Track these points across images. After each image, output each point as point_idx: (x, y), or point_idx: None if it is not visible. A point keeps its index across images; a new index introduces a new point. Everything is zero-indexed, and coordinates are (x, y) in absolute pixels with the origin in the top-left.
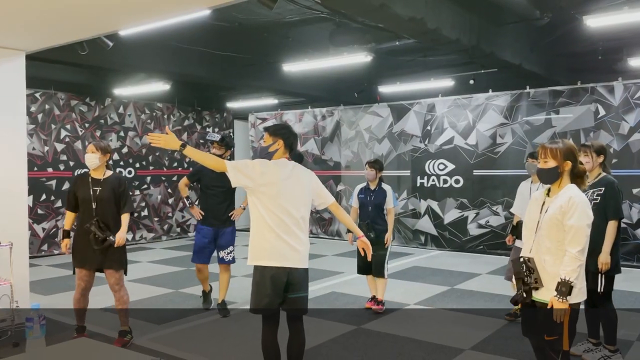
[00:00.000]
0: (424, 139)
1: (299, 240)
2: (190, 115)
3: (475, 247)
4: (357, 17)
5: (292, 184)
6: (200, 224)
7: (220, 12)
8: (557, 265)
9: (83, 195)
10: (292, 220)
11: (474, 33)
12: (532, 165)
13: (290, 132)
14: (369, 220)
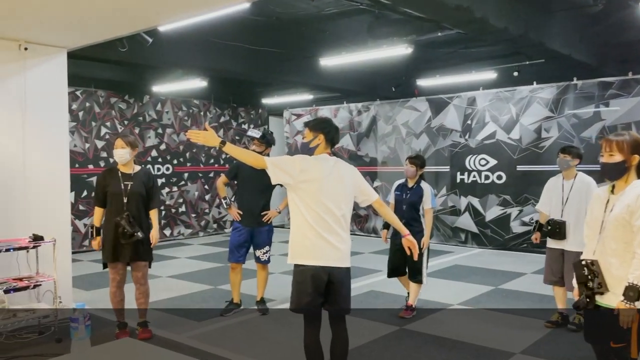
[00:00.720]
0: (464, 133)
1: (341, 239)
2: (226, 112)
3: (518, 245)
4: (400, 7)
5: (334, 181)
6: (236, 222)
7: (259, 7)
8: (624, 268)
9: (114, 190)
10: (334, 218)
11: (521, 21)
12: (565, 161)
13: (330, 126)
14: (404, 220)
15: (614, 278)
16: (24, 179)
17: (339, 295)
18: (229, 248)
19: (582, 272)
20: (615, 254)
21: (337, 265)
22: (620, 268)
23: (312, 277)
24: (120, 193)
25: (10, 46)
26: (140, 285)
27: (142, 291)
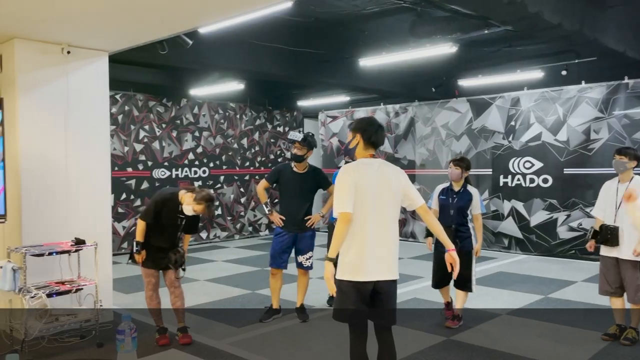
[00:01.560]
0: (507, 135)
1: (387, 249)
2: (261, 115)
3: (566, 251)
4: (447, 4)
5: (378, 186)
6: (278, 228)
7: (298, 7)
8: None
9: (169, 221)
10: (378, 227)
11: (577, 17)
12: (621, 163)
13: (369, 124)
14: (454, 225)
15: None
16: (66, 182)
17: (384, 307)
18: (271, 254)
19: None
20: None
21: (382, 279)
22: None
23: (356, 289)
24: (176, 227)
25: (53, 50)
26: (174, 289)
27: (178, 294)
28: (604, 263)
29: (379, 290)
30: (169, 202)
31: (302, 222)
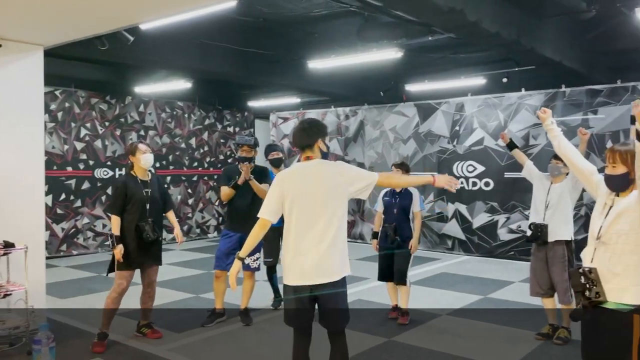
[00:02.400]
0: (452, 139)
1: (323, 252)
2: (211, 115)
3: (505, 252)
4: (393, 9)
5: (311, 188)
6: (226, 229)
7: (245, 7)
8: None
9: (137, 197)
10: (312, 229)
11: (514, 27)
12: (556, 167)
13: (297, 130)
14: (396, 223)
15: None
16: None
17: (329, 310)
18: (217, 255)
19: (579, 281)
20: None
21: (319, 283)
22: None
23: (294, 294)
24: (144, 200)
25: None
26: (151, 289)
27: (152, 295)
28: (535, 263)
29: (317, 294)
30: (128, 181)
31: (250, 222)
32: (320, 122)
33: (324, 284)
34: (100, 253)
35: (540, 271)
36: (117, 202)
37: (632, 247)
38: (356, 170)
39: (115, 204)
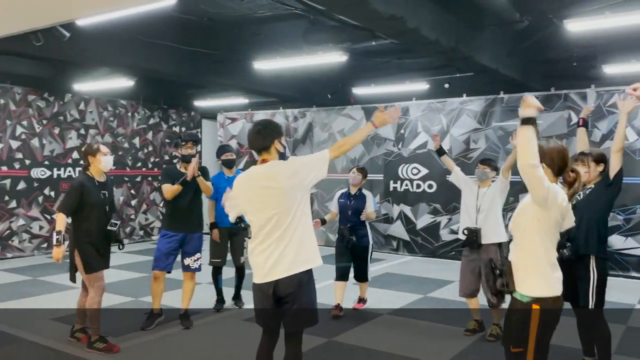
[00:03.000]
0: (397, 142)
1: (281, 248)
2: (156, 114)
3: (447, 253)
4: (334, 14)
5: (264, 189)
6: (165, 229)
7: (188, 5)
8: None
9: (95, 199)
10: (270, 228)
11: (452, 35)
12: (484, 172)
13: (251, 132)
14: (350, 224)
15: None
16: None
17: (289, 308)
18: (156, 255)
19: (490, 272)
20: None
21: (278, 278)
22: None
23: (259, 293)
24: (103, 203)
25: None
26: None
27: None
28: (466, 264)
29: (279, 292)
30: (86, 182)
31: (191, 222)
32: (275, 122)
33: (286, 283)
34: (36, 256)
35: (469, 273)
36: (70, 202)
37: (526, 241)
38: (307, 160)
39: (67, 203)
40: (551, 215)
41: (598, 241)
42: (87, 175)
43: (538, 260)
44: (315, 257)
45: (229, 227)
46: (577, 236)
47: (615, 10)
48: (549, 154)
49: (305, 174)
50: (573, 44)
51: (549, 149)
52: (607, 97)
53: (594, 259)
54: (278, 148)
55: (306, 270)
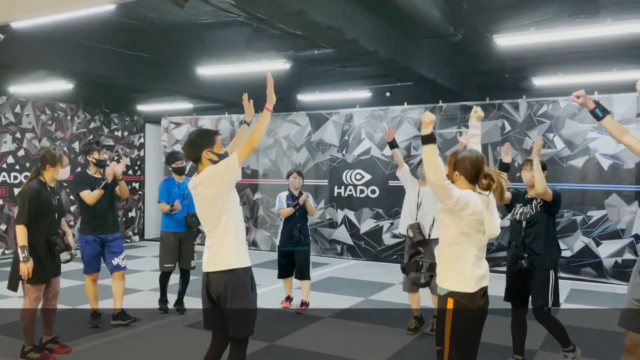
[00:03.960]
0: (341, 148)
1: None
2: (97, 118)
3: (389, 256)
4: (275, 23)
5: (200, 189)
6: (85, 234)
7: (129, 10)
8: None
9: (49, 206)
10: (206, 224)
11: (390, 46)
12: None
13: (185, 143)
14: (300, 224)
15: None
16: None
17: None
18: (85, 261)
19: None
20: None
21: (207, 270)
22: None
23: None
24: (54, 209)
25: None
26: (54, 301)
27: (55, 306)
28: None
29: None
30: (42, 189)
31: (110, 223)
32: (206, 132)
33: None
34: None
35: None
36: (27, 211)
37: (446, 237)
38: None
39: (25, 213)
40: (465, 220)
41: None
42: (40, 180)
43: (455, 255)
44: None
45: (179, 232)
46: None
47: (540, 28)
48: (463, 164)
49: (219, 182)
50: (505, 56)
51: (462, 159)
52: (537, 107)
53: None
54: (210, 157)
55: (234, 273)
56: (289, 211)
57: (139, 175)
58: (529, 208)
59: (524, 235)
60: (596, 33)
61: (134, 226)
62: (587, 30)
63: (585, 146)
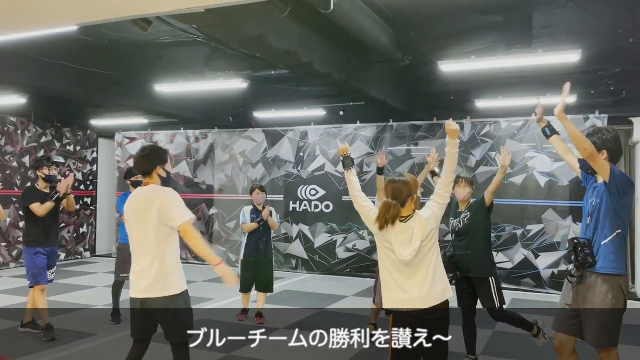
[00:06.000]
0: (297, 165)
1: (148, 268)
2: (48, 132)
3: (343, 270)
4: (236, 46)
5: (139, 211)
6: (34, 247)
7: (88, 28)
8: None
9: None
10: (141, 248)
11: (344, 69)
12: None
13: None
14: (265, 238)
15: None
16: None
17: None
18: (35, 272)
19: None
20: None
21: (146, 297)
22: None
23: (132, 308)
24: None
25: None
26: None
27: None
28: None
29: (149, 311)
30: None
31: (55, 237)
32: (160, 150)
33: (154, 298)
34: None
35: None
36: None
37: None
38: (173, 208)
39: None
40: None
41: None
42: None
43: (383, 277)
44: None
45: None
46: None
47: (480, 56)
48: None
49: (167, 217)
50: (450, 80)
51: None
52: (480, 128)
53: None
54: (160, 174)
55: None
56: (252, 227)
57: (92, 190)
58: (458, 222)
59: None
60: (529, 62)
61: (85, 242)
62: (521, 59)
63: (525, 164)
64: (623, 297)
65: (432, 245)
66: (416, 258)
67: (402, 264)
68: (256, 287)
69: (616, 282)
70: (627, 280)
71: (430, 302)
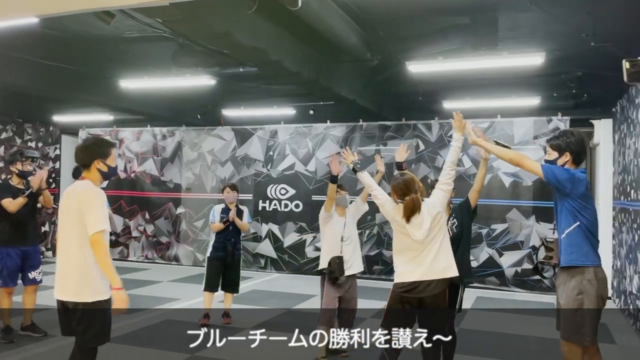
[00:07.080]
0: (266, 163)
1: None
2: (9, 128)
3: (312, 269)
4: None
5: (67, 208)
6: (7, 246)
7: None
8: None
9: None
10: (65, 247)
11: (313, 68)
12: (344, 199)
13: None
14: (233, 239)
15: None
16: None
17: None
18: (6, 274)
19: None
20: None
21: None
22: None
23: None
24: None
25: None
26: None
27: None
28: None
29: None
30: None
31: (32, 235)
32: (103, 142)
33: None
34: None
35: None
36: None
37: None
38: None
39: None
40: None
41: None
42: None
43: (396, 256)
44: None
45: None
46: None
47: (447, 57)
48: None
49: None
50: (418, 80)
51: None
52: (447, 128)
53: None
54: (100, 168)
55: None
56: (219, 227)
57: (54, 188)
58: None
59: None
60: (495, 64)
61: (47, 241)
62: (487, 61)
63: (490, 165)
64: (594, 292)
65: (440, 228)
66: (427, 238)
67: (415, 244)
68: (222, 287)
69: (582, 275)
70: (598, 272)
71: (432, 275)
